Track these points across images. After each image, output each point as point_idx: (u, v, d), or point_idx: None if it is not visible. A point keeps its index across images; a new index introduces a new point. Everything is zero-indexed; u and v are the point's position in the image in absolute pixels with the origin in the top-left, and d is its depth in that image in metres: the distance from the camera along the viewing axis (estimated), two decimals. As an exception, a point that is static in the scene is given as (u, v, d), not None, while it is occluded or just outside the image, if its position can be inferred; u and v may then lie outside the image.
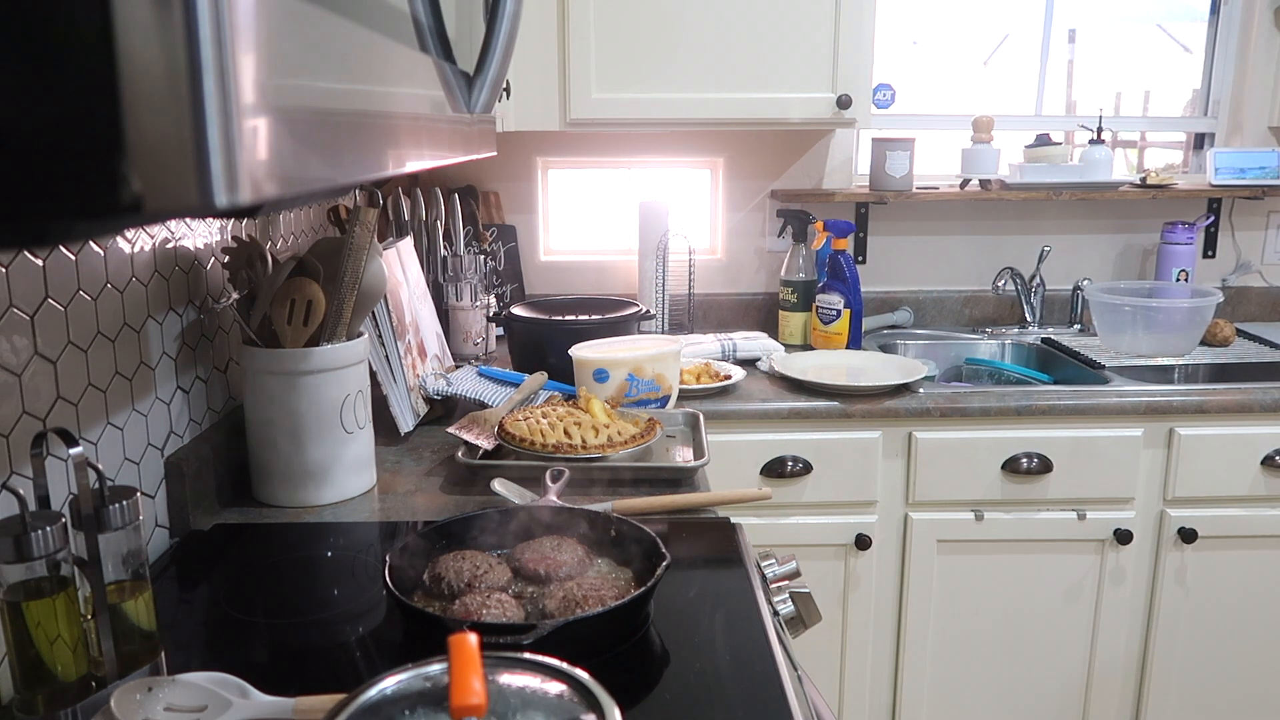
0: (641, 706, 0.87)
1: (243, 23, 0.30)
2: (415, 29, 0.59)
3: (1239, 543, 1.95)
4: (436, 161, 0.65)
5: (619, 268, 2.48)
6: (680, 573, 1.09)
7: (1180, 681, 2.01)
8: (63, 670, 0.77)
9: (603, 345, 1.75)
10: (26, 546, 0.73)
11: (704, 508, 1.31)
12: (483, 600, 0.94)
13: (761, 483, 1.86)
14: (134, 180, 0.27)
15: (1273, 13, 2.43)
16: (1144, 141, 3.11)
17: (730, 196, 2.47)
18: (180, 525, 1.25)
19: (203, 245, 1.35)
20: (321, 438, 1.31)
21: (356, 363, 1.35)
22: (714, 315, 2.47)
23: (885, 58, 2.19)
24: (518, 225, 2.45)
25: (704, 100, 2.04)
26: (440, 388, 1.68)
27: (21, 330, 0.92)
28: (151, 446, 1.21)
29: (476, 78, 0.78)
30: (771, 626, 1.01)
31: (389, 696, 0.66)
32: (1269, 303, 2.58)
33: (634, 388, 1.68)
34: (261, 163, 0.32)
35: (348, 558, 1.21)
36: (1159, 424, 1.90)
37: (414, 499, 1.37)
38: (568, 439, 1.43)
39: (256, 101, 0.31)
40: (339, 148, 0.42)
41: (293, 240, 1.76)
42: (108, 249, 1.09)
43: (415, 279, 1.82)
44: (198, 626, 1.06)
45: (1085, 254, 2.54)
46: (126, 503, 0.80)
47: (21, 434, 0.92)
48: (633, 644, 0.96)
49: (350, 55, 0.45)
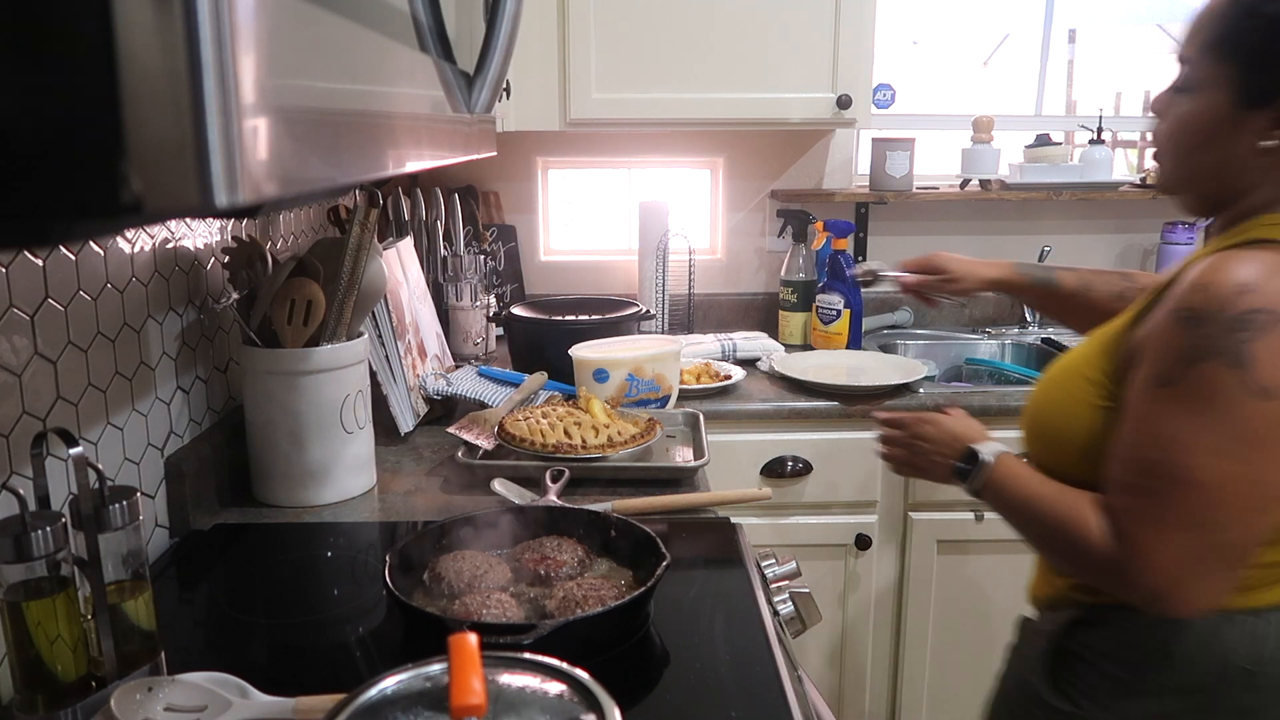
0: (641, 706, 0.87)
1: (243, 23, 0.30)
2: (415, 29, 0.59)
3: (1239, 543, 1.94)
4: (436, 161, 0.65)
5: (619, 268, 2.48)
6: (680, 573, 1.09)
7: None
8: (63, 670, 0.77)
9: (603, 345, 1.75)
10: (26, 546, 0.73)
11: (704, 508, 1.31)
12: (483, 600, 0.94)
13: (761, 483, 1.86)
14: (134, 180, 0.27)
15: (1273, 13, 2.43)
16: (1144, 141, 3.11)
17: (730, 196, 2.47)
18: (180, 525, 1.25)
19: (203, 245, 1.35)
20: (321, 438, 1.31)
21: (356, 363, 1.35)
22: (714, 315, 2.47)
23: (885, 58, 2.19)
24: (518, 225, 2.45)
25: (704, 100, 2.04)
26: (440, 388, 1.68)
27: (21, 330, 0.92)
28: (151, 446, 1.21)
29: (476, 78, 0.78)
30: (771, 626, 1.01)
31: (389, 696, 0.66)
32: (1269, 303, 2.58)
33: (634, 388, 1.68)
34: (261, 163, 0.32)
35: (348, 558, 1.21)
36: (1159, 424, 1.90)
37: (414, 499, 1.37)
38: (568, 439, 1.43)
39: (257, 101, 0.31)
40: (339, 148, 0.42)
41: (293, 240, 1.76)
42: (108, 249, 1.09)
43: (415, 279, 1.82)
44: (198, 626, 1.06)
45: (1085, 254, 2.54)
46: (126, 503, 0.80)
47: (21, 434, 0.92)
48: (633, 644, 0.96)
49: (350, 55, 0.45)
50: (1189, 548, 0.91)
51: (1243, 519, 0.91)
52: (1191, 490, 0.90)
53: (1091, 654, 1.04)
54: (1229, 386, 0.88)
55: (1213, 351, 0.88)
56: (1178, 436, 0.90)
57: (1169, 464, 0.91)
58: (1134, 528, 0.93)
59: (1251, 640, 0.97)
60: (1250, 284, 0.88)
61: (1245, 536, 0.92)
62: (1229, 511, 0.90)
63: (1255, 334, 0.87)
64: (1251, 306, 0.87)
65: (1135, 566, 0.93)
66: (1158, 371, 0.92)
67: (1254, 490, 0.90)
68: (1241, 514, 0.90)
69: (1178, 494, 0.91)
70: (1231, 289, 0.88)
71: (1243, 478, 0.89)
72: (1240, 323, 0.87)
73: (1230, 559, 0.92)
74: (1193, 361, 0.89)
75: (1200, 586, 0.92)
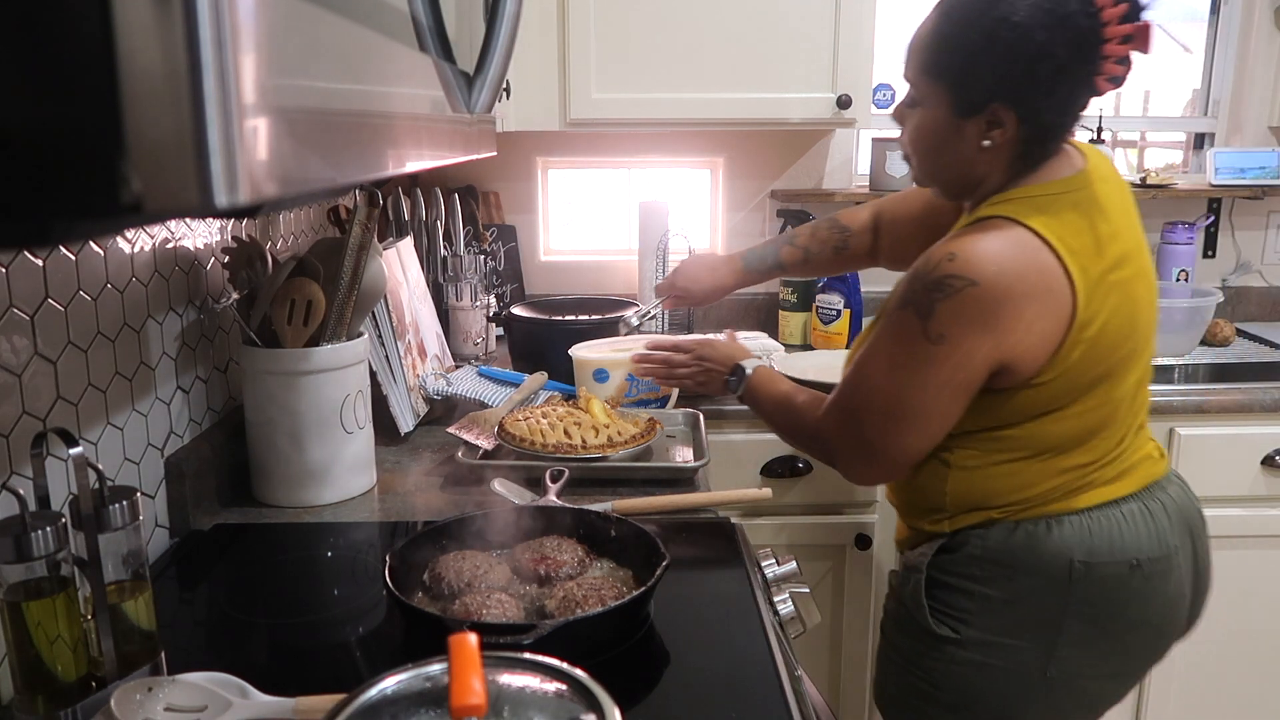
0: (641, 706, 0.87)
1: (243, 23, 0.30)
2: (415, 29, 0.59)
3: (1239, 542, 1.94)
4: (436, 161, 0.65)
5: (619, 268, 2.48)
6: (680, 573, 1.09)
7: (1180, 681, 2.01)
8: (63, 670, 0.77)
9: (602, 345, 1.75)
10: (26, 546, 0.73)
11: (704, 508, 1.31)
12: (483, 600, 0.94)
13: (761, 483, 1.86)
14: (134, 180, 0.27)
15: (1273, 13, 2.43)
16: (1144, 141, 3.11)
17: (730, 196, 2.47)
18: (180, 525, 1.25)
19: (203, 245, 1.35)
20: (321, 438, 1.31)
21: (356, 363, 1.35)
22: (714, 315, 2.47)
23: (885, 58, 2.19)
24: (518, 225, 2.45)
25: (704, 100, 2.04)
26: (440, 388, 1.68)
27: (21, 330, 0.92)
28: (151, 446, 1.21)
29: (476, 78, 0.78)
30: (771, 626, 1.01)
31: (389, 696, 0.66)
32: (1269, 303, 2.58)
33: (634, 387, 1.68)
34: (261, 163, 0.32)
35: (348, 558, 1.21)
36: (1159, 424, 1.90)
37: (414, 499, 1.37)
38: (568, 439, 1.43)
39: (256, 102, 0.31)
40: (339, 148, 0.42)
41: (293, 240, 1.76)
42: (108, 249, 1.09)
43: (415, 279, 1.82)
44: (198, 626, 1.06)
45: (1085, 254, 2.54)
46: (126, 503, 0.80)
47: (21, 434, 0.92)
48: (633, 644, 0.96)
49: (350, 55, 0.45)
50: (849, 434, 1.21)
51: (881, 425, 1.17)
52: (858, 392, 1.20)
53: (957, 578, 1.22)
54: (910, 327, 1.12)
55: (912, 302, 1.12)
56: (867, 352, 1.19)
57: (856, 368, 1.21)
58: (827, 413, 1.25)
59: (1081, 537, 1.17)
60: (957, 254, 1.09)
61: (882, 440, 1.18)
62: (873, 415, 1.18)
63: (945, 296, 1.09)
64: (950, 273, 1.09)
65: (826, 440, 1.25)
66: (882, 309, 1.20)
67: (894, 405, 1.16)
68: (881, 420, 1.17)
69: (851, 391, 1.21)
70: (941, 257, 1.10)
71: (889, 393, 1.16)
72: (938, 285, 1.10)
73: (871, 452, 1.20)
74: (901, 306, 1.14)
75: (852, 465, 1.24)
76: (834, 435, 1.23)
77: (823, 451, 1.28)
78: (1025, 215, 1.11)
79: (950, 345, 1.09)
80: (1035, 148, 1.14)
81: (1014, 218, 1.11)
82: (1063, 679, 1.20)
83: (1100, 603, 1.17)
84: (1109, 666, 1.21)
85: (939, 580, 1.23)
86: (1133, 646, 1.22)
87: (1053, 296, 1.09)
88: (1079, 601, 1.17)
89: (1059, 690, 1.21)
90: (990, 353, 1.10)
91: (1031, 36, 1.06)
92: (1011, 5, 1.06)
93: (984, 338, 1.09)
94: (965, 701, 1.23)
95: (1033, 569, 1.17)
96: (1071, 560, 1.16)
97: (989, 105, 1.11)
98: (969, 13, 1.10)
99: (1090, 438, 1.17)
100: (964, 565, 1.21)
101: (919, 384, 1.13)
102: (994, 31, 1.07)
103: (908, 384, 1.13)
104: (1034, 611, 1.19)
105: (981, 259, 1.08)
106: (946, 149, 1.17)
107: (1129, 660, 1.23)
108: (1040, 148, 1.14)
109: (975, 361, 1.10)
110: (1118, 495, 1.19)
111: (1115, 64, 1.09)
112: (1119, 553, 1.17)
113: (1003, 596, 1.19)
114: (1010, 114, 1.11)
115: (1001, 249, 1.09)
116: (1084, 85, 1.11)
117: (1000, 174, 1.16)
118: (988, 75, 1.10)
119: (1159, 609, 1.20)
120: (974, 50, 1.10)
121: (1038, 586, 1.18)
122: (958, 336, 1.09)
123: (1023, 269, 1.08)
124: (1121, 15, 1.07)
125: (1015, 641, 1.19)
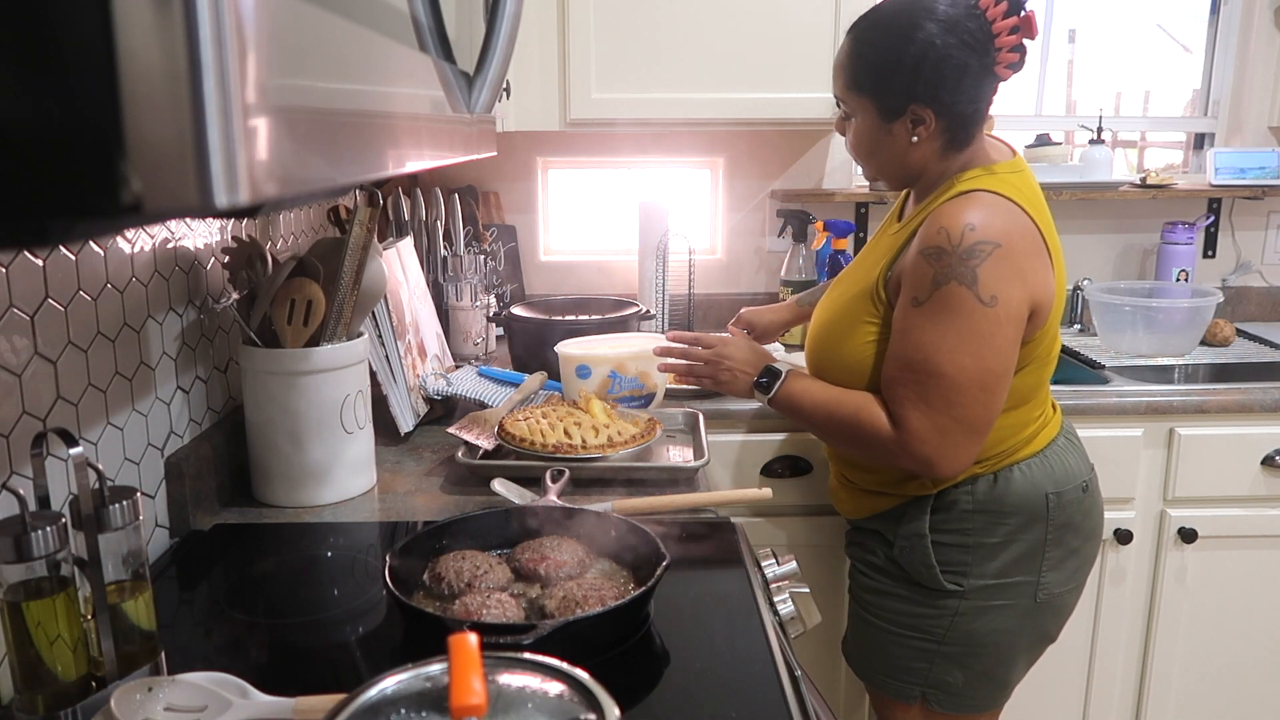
0: (641, 706, 0.87)
1: (243, 23, 0.30)
2: (415, 29, 0.59)
3: (1239, 543, 1.94)
4: (436, 161, 0.65)
5: (619, 268, 2.48)
6: (680, 573, 1.09)
7: (1180, 681, 2.02)
8: (63, 670, 0.77)
9: (589, 342, 1.75)
10: (26, 546, 0.73)
11: (704, 508, 1.31)
12: (483, 600, 0.94)
13: (761, 483, 1.86)
14: (134, 180, 0.27)
15: (1273, 13, 2.43)
16: (1144, 141, 3.11)
17: (730, 196, 2.47)
18: (180, 525, 1.25)
19: (203, 245, 1.35)
20: (321, 438, 1.31)
21: (356, 363, 1.35)
22: (714, 315, 2.47)
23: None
24: (518, 225, 2.45)
25: (704, 100, 2.04)
26: (440, 388, 1.68)
27: (21, 330, 0.92)
28: (151, 446, 1.21)
29: (476, 78, 0.78)
30: (771, 626, 1.01)
31: (389, 696, 0.66)
32: (1269, 303, 2.58)
33: (616, 384, 1.67)
34: (261, 163, 0.32)
35: (348, 558, 1.21)
36: (1159, 424, 1.90)
37: (414, 499, 1.37)
38: (568, 439, 1.43)
39: (256, 101, 0.31)
40: (339, 148, 0.42)
41: (293, 240, 1.76)
42: (108, 249, 1.09)
43: (415, 279, 1.82)
44: (198, 626, 1.06)
45: (1085, 254, 2.54)
46: (126, 503, 0.80)
47: (21, 434, 0.92)
48: (633, 644, 0.96)
49: (350, 55, 0.45)
50: (943, 423, 1.24)
51: (977, 398, 1.23)
52: (940, 379, 1.23)
53: (954, 534, 1.36)
54: (963, 299, 1.21)
55: (952, 275, 1.21)
56: (928, 340, 1.23)
57: (923, 361, 1.24)
58: (903, 412, 1.26)
59: (1047, 473, 1.36)
60: (974, 224, 1.22)
61: (981, 413, 1.25)
62: (967, 393, 1.23)
63: (981, 260, 1.20)
64: (976, 240, 1.21)
65: (908, 441, 1.26)
66: (912, 296, 1.25)
67: (983, 376, 1.23)
68: (976, 394, 1.23)
69: (931, 383, 1.24)
70: (962, 228, 1.22)
71: (974, 367, 1.22)
72: (970, 252, 1.20)
73: (973, 429, 1.25)
74: (937, 285, 1.22)
75: (955, 452, 1.26)
76: (927, 433, 1.25)
77: (898, 452, 1.28)
78: (1001, 189, 1.26)
79: (1003, 303, 1.21)
80: (960, 134, 1.30)
81: (993, 190, 1.26)
82: (1047, 601, 1.38)
83: (1069, 525, 1.37)
84: (1077, 578, 1.42)
85: (938, 542, 1.36)
86: (1088, 554, 1.43)
87: (1042, 256, 1.26)
88: (1056, 528, 1.36)
89: (1045, 612, 1.39)
90: (1026, 301, 1.24)
91: (932, 44, 1.24)
92: (912, 21, 1.25)
93: (1022, 289, 1.23)
94: (969, 649, 1.38)
95: (1017, 509, 1.34)
96: (1046, 494, 1.35)
97: (908, 107, 1.28)
98: (876, 33, 1.30)
99: (1040, 388, 1.37)
100: (958, 521, 1.35)
101: (995, 348, 1.22)
102: (900, 46, 1.26)
103: (987, 352, 1.22)
104: (1023, 548, 1.35)
105: (992, 224, 1.22)
106: (881, 150, 1.34)
107: (1084, 567, 1.43)
108: (964, 132, 1.30)
109: (1023, 313, 1.24)
110: (1053, 435, 1.40)
111: (1010, 53, 1.26)
112: (1073, 479, 1.38)
113: (996, 541, 1.35)
114: (928, 111, 1.27)
115: (1000, 214, 1.24)
116: (987, 76, 1.27)
117: (936, 160, 1.32)
118: (902, 83, 1.27)
119: (1097, 518, 1.44)
120: (886, 64, 1.28)
121: (1023, 524, 1.35)
122: (1006, 293, 1.21)
123: (1021, 230, 1.24)
124: (1004, 13, 1.24)
125: (1009, 580, 1.36)
